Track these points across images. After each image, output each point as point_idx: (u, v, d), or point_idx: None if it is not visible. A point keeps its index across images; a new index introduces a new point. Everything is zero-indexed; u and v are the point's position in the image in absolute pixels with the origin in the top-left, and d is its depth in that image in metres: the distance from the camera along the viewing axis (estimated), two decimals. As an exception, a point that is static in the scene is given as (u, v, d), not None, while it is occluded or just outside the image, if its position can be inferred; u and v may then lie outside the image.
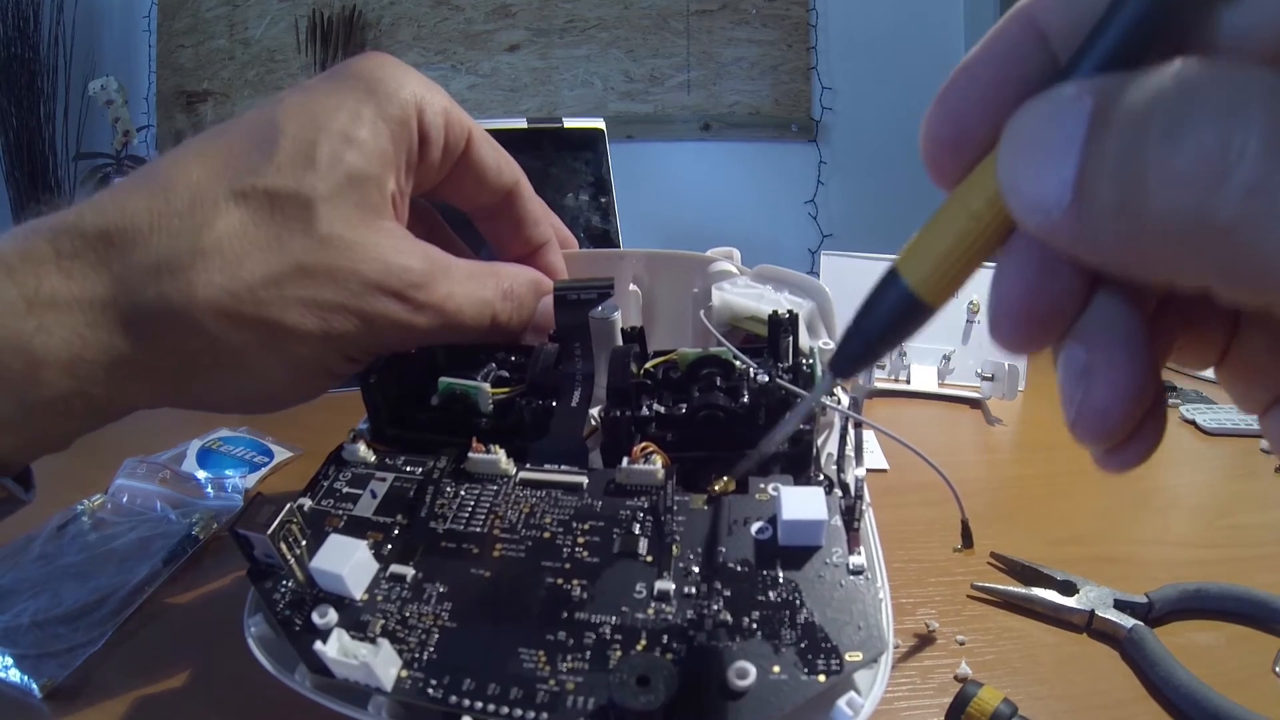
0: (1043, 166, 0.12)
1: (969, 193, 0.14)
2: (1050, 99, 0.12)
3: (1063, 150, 0.11)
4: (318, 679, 0.22)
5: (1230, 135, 0.09)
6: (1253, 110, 0.09)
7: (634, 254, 0.38)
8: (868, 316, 0.16)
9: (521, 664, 0.21)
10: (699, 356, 0.29)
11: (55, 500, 0.43)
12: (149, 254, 0.24)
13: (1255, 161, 0.09)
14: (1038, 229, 0.12)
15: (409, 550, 0.25)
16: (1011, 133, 0.13)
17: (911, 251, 0.15)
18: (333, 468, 0.28)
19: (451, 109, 0.30)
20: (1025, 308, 0.14)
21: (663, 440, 0.27)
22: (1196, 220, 0.10)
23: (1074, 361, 0.14)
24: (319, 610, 0.23)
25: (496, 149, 0.32)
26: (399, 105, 0.28)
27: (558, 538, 0.24)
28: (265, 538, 0.23)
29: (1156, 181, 0.10)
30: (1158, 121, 0.10)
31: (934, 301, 0.15)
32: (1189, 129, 0.10)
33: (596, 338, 0.30)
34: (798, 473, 0.26)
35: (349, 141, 0.26)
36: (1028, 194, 0.12)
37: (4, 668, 0.30)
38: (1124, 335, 0.14)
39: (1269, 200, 0.09)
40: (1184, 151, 0.10)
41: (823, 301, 0.35)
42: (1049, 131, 0.12)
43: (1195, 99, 0.10)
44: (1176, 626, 0.33)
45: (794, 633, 0.21)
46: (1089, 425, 0.14)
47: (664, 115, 2.12)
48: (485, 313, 0.30)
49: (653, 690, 0.19)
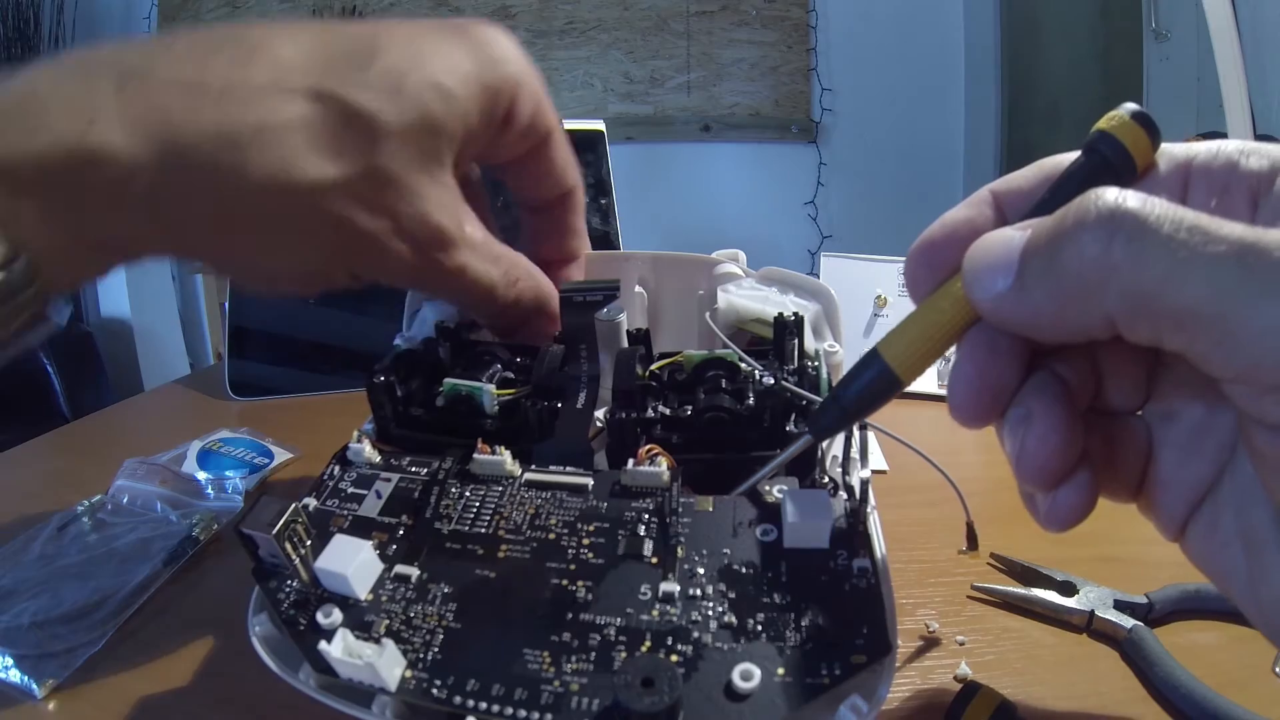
0: (994, 266, 0.18)
1: (938, 298, 0.20)
2: (999, 230, 0.18)
3: (1007, 256, 0.17)
4: (322, 679, 0.22)
5: (1114, 222, 0.16)
6: (1130, 210, 0.16)
7: (640, 256, 0.38)
8: (847, 387, 0.21)
9: (526, 665, 0.21)
10: (704, 359, 0.29)
11: (55, 500, 0.43)
12: (214, 117, 0.23)
13: (1132, 229, 0.15)
14: (990, 308, 0.18)
15: (414, 551, 0.25)
16: (973, 251, 0.18)
17: (890, 338, 0.20)
18: (337, 468, 0.28)
19: (543, 101, 0.30)
20: (977, 382, 0.19)
21: (668, 442, 0.27)
22: (1097, 269, 0.16)
23: (1016, 415, 0.19)
24: (324, 610, 0.23)
25: (567, 154, 0.33)
26: (498, 76, 0.28)
27: (563, 539, 0.24)
28: (270, 537, 0.23)
29: (1070, 254, 0.16)
30: (1069, 223, 0.16)
31: (905, 376, 0.20)
32: (1089, 223, 0.16)
33: (602, 339, 0.30)
34: (803, 475, 0.26)
35: (437, 89, 0.26)
36: (985, 284, 0.18)
37: (4, 668, 0.30)
38: (1053, 394, 0.19)
39: (1141, 247, 0.15)
40: (1087, 235, 0.16)
41: (828, 304, 0.35)
42: (998, 247, 0.18)
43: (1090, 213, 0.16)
44: (1176, 627, 0.33)
45: (798, 635, 0.21)
46: (1029, 458, 0.19)
47: (664, 117, 2.13)
48: (487, 296, 0.30)
49: (657, 692, 0.19)
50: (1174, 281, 0.15)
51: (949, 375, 0.19)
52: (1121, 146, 0.19)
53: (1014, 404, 0.19)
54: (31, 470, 0.53)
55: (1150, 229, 0.15)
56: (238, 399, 0.63)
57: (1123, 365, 0.21)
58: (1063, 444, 0.18)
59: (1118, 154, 0.19)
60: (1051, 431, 0.18)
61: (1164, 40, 1.51)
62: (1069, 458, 0.19)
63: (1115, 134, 0.19)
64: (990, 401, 0.19)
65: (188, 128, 0.23)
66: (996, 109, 2.13)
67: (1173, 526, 0.20)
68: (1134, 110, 0.19)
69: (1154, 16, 1.52)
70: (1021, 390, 0.19)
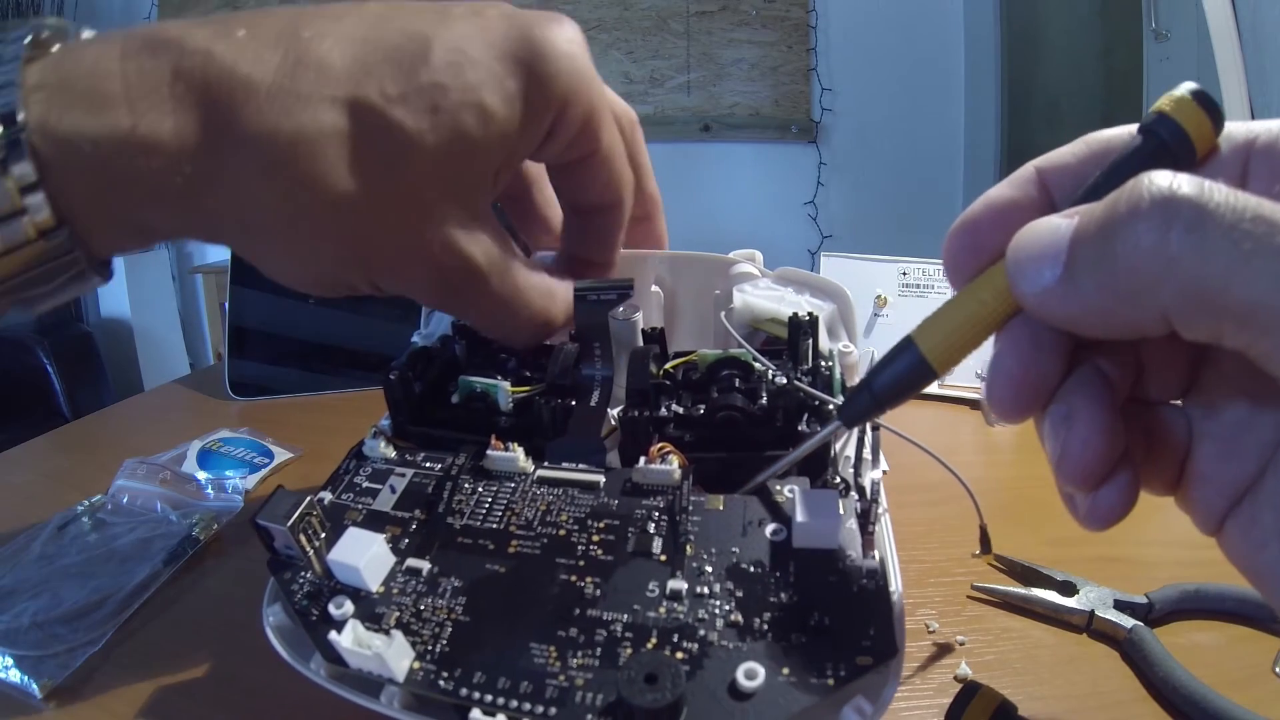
0: (1041, 257, 0.17)
1: (979, 287, 0.19)
2: (1046, 218, 0.17)
3: (1055, 246, 0.16)
4: (332, 668, 0.22)
5: (1171, 210, 0.14)
6: (1186, 196, 0.14)
7: (656, 255, 0.38)
8: (880, 375, 0.20)
9: (532, 659, 0.21)
10: (718, 358, 0.29)
11: (55, 501, 0.43)
12: (256, 119, 0.24)
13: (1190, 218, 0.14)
14: (1036, 302, 0.17)
15: (426, 544, 0.25)
16: (1018, 239, 0.17)
17: (926, 326, 0.19)
18: (353, 462, 0.29)
19: (596, 115, 0.29)
20: (1019, 376, 0.18)
21: (680, 441, 0.27)
22: (1154, 261, 0.14)
23: (1057, 413, 0.18)
24: (335, 601, 0.23)
25: (618, 169, 0.31)
26: (546, 95, 0.27)
27: (573, 535, 0.25)
28: (285, 529, 0.23)
29: (1123, 247, 0.15)
30: (1122, 212, 0.15)
31: (940, 367, 0.19)
32: (1143, 211, 0.15)
33: (617, 338, 0.30)
34: (814, 475, 0.26)
35: (478, 110, 0.26)
36: (1030, 276, 0.17)
37: (4, 668, 0.30)
38: (1096, 391, 0.18)
39: (1202, 238, 0.14)
40: (1142, 225, 0.15)
41: (843, 305, 0.35)
42: (1045, 237, 0.17)
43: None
44: (1176, 627, 0.33)
45: (804, 635, 0.21)
46: (1072, 460, 0.18)
47: (664, 116, 2.13)
48: (512, 326, 0.30)
49: (660, 688, 0.19)
50: (1238, 276, 0.14)
51: (989, 368, 0.18)
52: (1180, 130, 0.17)
53: (1056, 400, 0.18)
54: (31, 470, 0.53)
55: (1210, 218, 0.14)
56: (238, 399, 0.63)
57: (1166, 356, 0.20)
58: (1105, 446, 0.18)
59: (1176, 138, 0.17)
60: (1094, 434, 0.18)
61: (1164, 40, 1.51)
62: (1110, 459, 0.18)
63: (1175, 116, 0.17)
64: (1032, 397, 0.18)
65: (232, 126, 0.23)
66: (996, 109, 2.13)
67: (1210, 522, 0.19)
68: (1195, 90, 0.17)
69: (1154, 16, 1.53)
70: (1064, 386, 0.18)
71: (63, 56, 0.23)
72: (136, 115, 0.23)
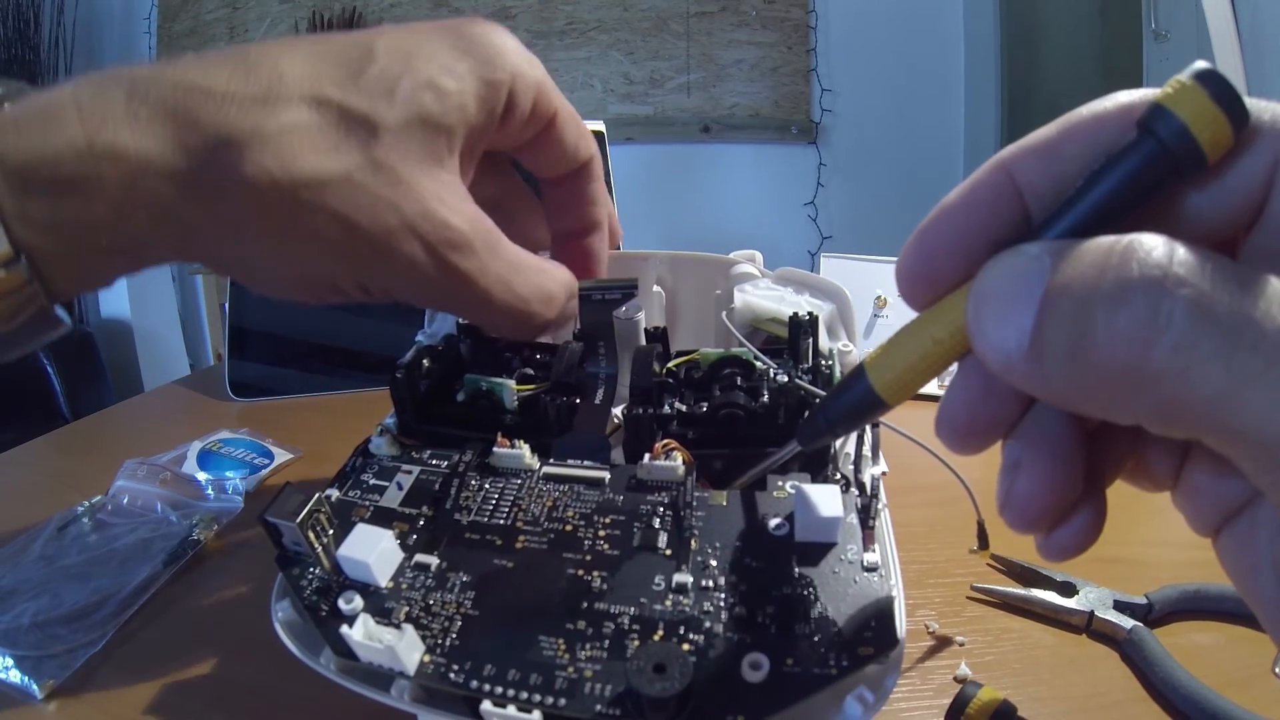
0: (1006, 316, 0.14)
1: (934, 321, 0.16)
2: (1016, 254, 0.14)
3: (1024, 304, 0.14)
4: (342, 662, 0.22)
5: (1160, 304, 0.12)
6: (1182, 287, 0.12)
7: (658, 255, 0.38)
8: (833, 402, 0.20)
9: (541, 652, 0.21)
10: (720, 357, 0.30)
11: (55, 501, 0.44)
12: (215, 119, 0.24)
13: (1182, 326, 0.12)
14: (998, 368, 0.15)
15: (434, 540, 0.25)
16: (981, 283, 0.15)
17: (880, 356, 0.18)
18: (359, 460, 0.29)
19: (543, 87, 0.30)
20: (966, 422, 0.17)
21: (684, 438, 0.27)
22: (1134, 369, 0.12)
23: (1008, 456, 0.17)
24: (345, 596, 0.23)
25: (578, 130, 0.33)
26: (494, 70, 0.28)
27: (579, 530, 0.25)
28: (294, 525, 0.23)
29: (1102, 336, 0.13)
30: (1105, 287, 0.13)
31: (890, 401, 0.18)
32: (1130, 296, 0.12)
33: (620, 337, 0.31)
34: (816, 471, 0.27)
35: (434, 88, 0.26)
36: (992, 338, 0.14)
37: (4, 669, 0.31)
38: (1051, 441, 0.16)
39: (1192, 356, 0.12)
40: (1125, 314, 0.12)
41: (843, 305, 0.35)
42: (1013, 286, 0.14)
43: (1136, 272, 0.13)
44: (1176, 627, 0.33)
45: (808, 627, 0.21)
46: (1012, 511, 0.17)
47: (664, 117, 2.13)
48: (515, 309, 0.29)
49: (668, 678, 0.19)
50: (1231, 402, 0.12)
51: (943, 397, 0.17)
52: (1185, 131, 0.13)
53: (1010, 438, 0.17)
54: (31, 471, 0.53)
55: (1204, 331, 0.12)
56: (238, 399, 0.64)
57: None
58: (1052, 499, 0.17)
59: (1179, 140, 0.13)
60: (1041, 488, 0.16)
61: (1164, 40, 1.51)
62: (1060, 508, 0.17)
63: (1178, 112, 0.13)
64: (980, 439, 0.17)
65: (192, 128, 0.24)
66: (996, 109, 2.13)
67: (1205, 529, 0.18)
68: (1205, 72, 0.13)
69: (1154, 16, 1.53)
70: (1019, 426, 0.17)
71: (14, 103, 0.24)
72: (92, 129, 0.23)
